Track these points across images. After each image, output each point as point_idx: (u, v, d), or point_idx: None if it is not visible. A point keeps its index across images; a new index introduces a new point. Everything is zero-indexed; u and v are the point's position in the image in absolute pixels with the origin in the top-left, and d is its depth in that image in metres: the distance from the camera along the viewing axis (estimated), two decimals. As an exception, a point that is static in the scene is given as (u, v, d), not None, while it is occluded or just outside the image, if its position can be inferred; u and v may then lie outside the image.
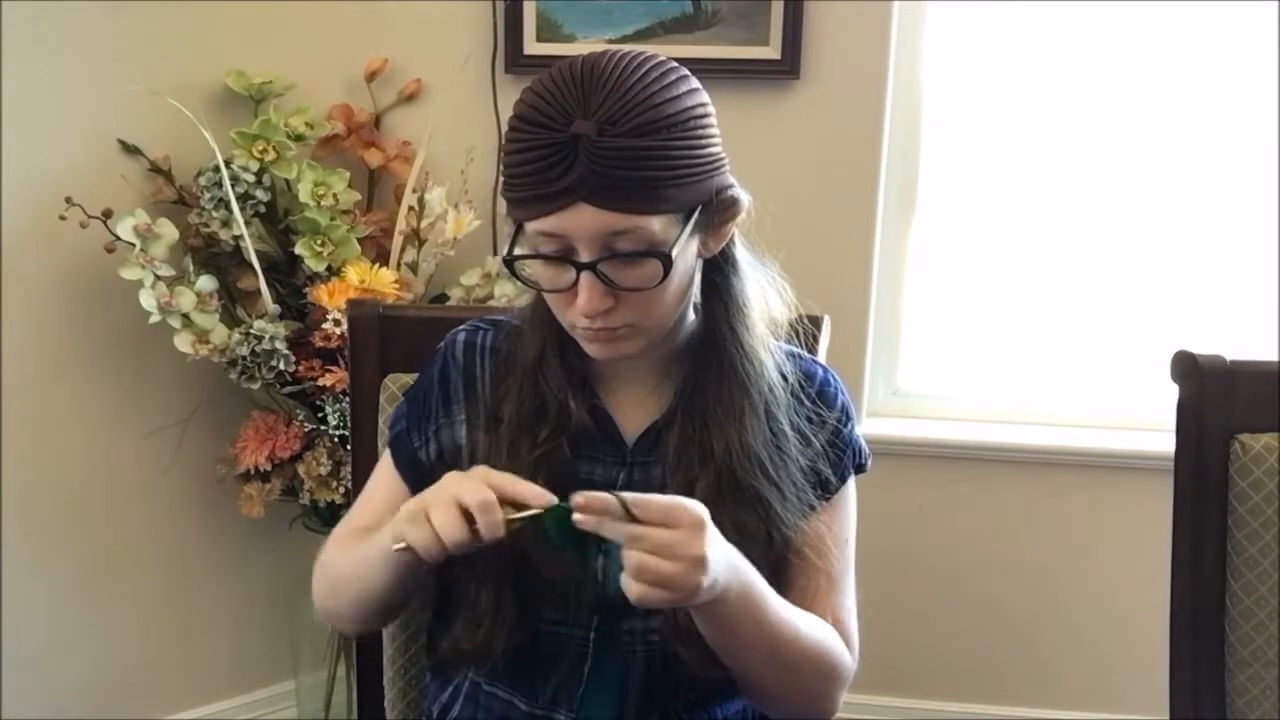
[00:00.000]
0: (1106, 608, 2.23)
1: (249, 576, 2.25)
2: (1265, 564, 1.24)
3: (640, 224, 0.96)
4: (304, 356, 1.90)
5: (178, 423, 2.10)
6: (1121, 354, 2.23)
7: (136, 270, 1.85)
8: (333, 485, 1.95)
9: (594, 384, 1.13)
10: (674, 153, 0.96)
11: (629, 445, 1.12)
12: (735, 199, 1.04)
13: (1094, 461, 2.19)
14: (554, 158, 0.94)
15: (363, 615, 1.14)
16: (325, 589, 1.16)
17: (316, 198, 1.93)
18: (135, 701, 2.17)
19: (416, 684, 1.37)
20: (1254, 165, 2.10)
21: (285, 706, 2.32)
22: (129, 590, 2.14)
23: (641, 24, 2.06)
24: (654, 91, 0.96)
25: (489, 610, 1.07)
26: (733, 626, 1.00)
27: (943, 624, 2.29)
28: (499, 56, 2.11)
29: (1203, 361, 1.26)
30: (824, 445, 1.13)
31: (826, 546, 1.11)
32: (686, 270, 1.04)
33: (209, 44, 2.00)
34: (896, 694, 2.31)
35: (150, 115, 1.92)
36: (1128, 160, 2.15)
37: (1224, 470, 1.25)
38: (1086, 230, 2.20)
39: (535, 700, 1.12)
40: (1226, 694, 1.28)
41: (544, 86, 0.97)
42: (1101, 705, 2.27)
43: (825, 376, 1.16)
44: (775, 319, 1.14)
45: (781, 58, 2.04)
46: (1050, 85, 2.14)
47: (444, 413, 1.15)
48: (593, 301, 0.99)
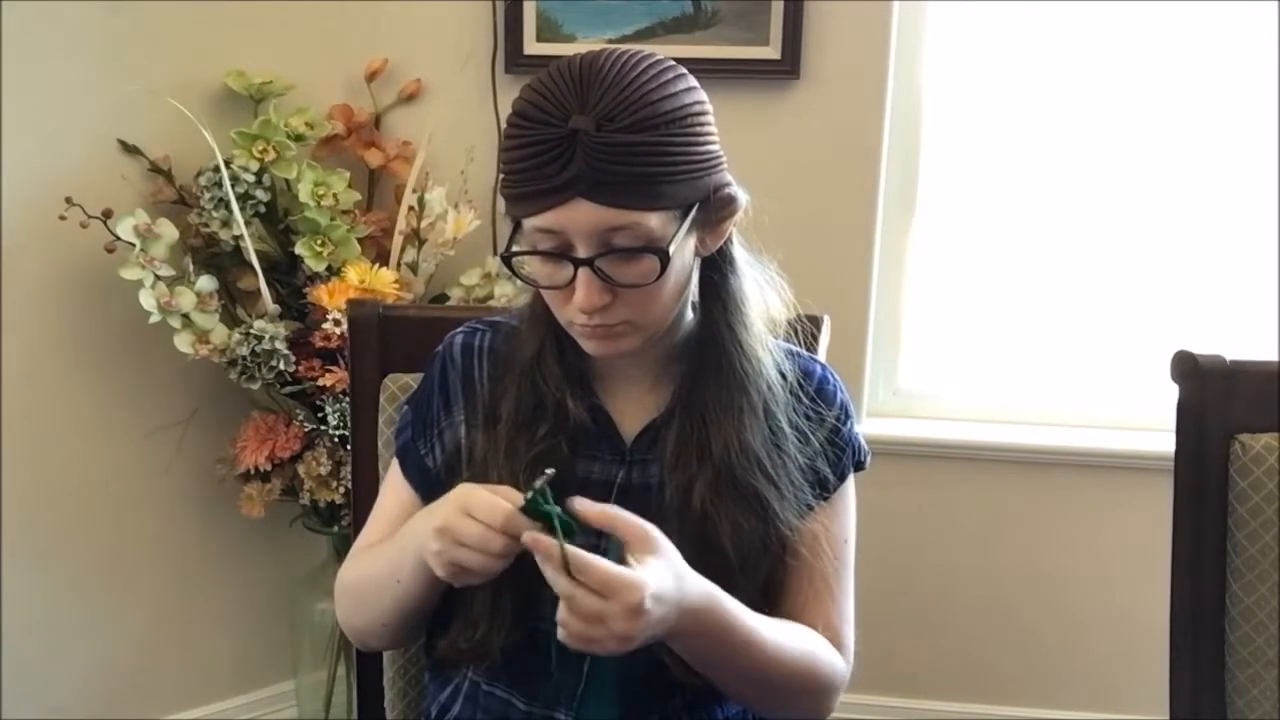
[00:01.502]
0: (1106, 608, 2.23)
1: (249, 576, 2.25)
2: (1265, 564, 1.24)
3: (638, 220, 0.96)
4: (304, 356, 1.90)
5: (178, 423, 2.10)
6: (1121, 354, 2.23)
7: (136, 270, 1.85)
8: (333, 485, 1.95)
9: (592, 382, 1.13)
10: (672, 149, 0.96)
11: (627, 444, 1.12)
12: (733, 197, 1.04)
13: (1094, 461, 2.19)
14: (552, 153, 0.95)
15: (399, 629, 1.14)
16: (351, 607, 1.16)
17: (316, 198, 1.93)
18: (135, 701, 2.17)
19: (416, 684, 1.37)
20: (1254, 165, 2.10)
21: (285, 706, 2.32)
22: (129, 590, 2.14)
23: (641, 24, 2.06)
24: (652, 88, 0.96)
25: (486, 609, 1.07)
26: (701, 655, 1.01)
27: (942, 624, 2.29)
28: (499, 56, 2.11)
29: (1203, 361, 1.26)
30: (823, 443, 1.13)
31: (823, 546, 1.11)
32: (684, 267, 1.04)
33: (209, 44, 2.00)
34: (896, 694, 2.31)
35: (150, 115, 1.93)
36: (1127, 160, 2.15)
37: (1224, 470, 1.25)
38: (1086, 230, 2.20)
39: (534, 699, 1.11)
40: (1226, 694, 1.28)
41: (542, 83, 0.98)
42: (1101, 705, 2.27)
43: (824, 374, 1.16)
44: (773, 317, 1.14)
45: (781, 58, 2.04)
46: (1050, 85, 2.13)
47: (445, 415, 1.15)
48: (590, 297, 0.99)
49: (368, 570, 1.13)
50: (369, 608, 1.13)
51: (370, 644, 1.21)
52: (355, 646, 1.24)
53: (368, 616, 1.14)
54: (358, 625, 1.16)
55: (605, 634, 0.90)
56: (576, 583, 0.89)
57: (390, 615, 1.11)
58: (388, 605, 1.10)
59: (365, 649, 1.26)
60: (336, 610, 1.18)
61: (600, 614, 0.89)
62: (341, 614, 1.18)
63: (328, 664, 2.14)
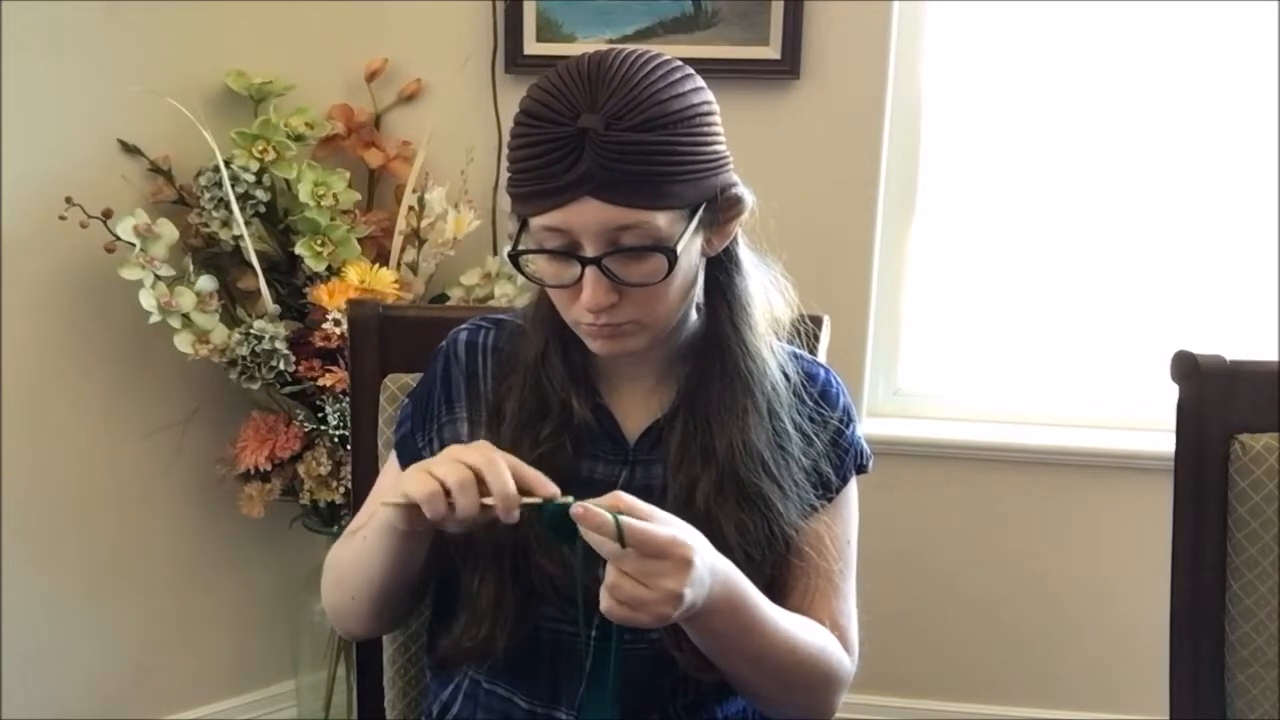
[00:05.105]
0: (1106, 607, 2.23)
1: (249, 576, 2.25)
2: (1265, 564, 1.24)
3: (645, 219, 0.97)
4: (304, 356, 1.90)
5: (178, 423, 2.10)
6: (1121, 354, 2.23)
7: (136, 270, 1.85)
8: (333, 485, 1.95)
9: (596, 382, 1.13)
10: (680, 148, 0.96)
11: (631, 444, 1.12)
12: (739, 197, 1.05)
13: (1094, 461, 2.19)
14: (560, 152, 0.95)
15: (368, 608, 1.12)
16: (330, 584, 1.16)
17: (316, 198, 1.93)
18: (135, 701, 2.17)
19: (416, 684, 1.37)
20: (1254, 166, 2.10)
21: (285, 706, 2.32)
22: (129, 590, 2.14)
23: (641, 24, 2.06)
24: (660, 88, 0.96)
25: (489, 608, 1.07)
26: (720, 637, 1.00)
27: (942, 624, 2.29)
28: (499, 56, 2.11)
29: (1203, 361, 1.26)
30: (826, 446, 1.13)
31: (826, 547, 1.11)
32: (690, 267, 1.04)
33: (209, 44, 2.00)
34: (896, 694, 2.31)
35: (150, 115, 1.92)
36: (1127, 160, 2.15)
37: (1224, 470, 1.25)
38: (1086, 230, 2.20)
39: (535, 698, 1.12)
40: (1226, 694, 1.28)
41: (550, 83, 0.98)
42: (1101, 705, 2.28)
43: (827, 378, 1.17)
44: (778, 318, 1.14)
45: (781, 58, 2.04)
46: (1050, 85, 2.14)
47: (447, 411, 1.15)
48: (597, 297, 0.99)
49: (346, 555, 1.13)
50: (345, 583, 1.13)
51: (348, 626, 1.18)
52: (338, 634, 1.23)
53: (343, 591, 1.13)
54: (335, 601, 1.16)
55: (655, 595, 0.90)
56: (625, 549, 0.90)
57: (360, 588, 1.10)
58: (357, 575, 1.09)
59: (345, 635, 1.24)
60: (322, 592, 1.18)
61: (651, 572, 0.90)
62: (324, 592, 1.17)
63: (328, 664, 2.14)
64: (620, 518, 0.90)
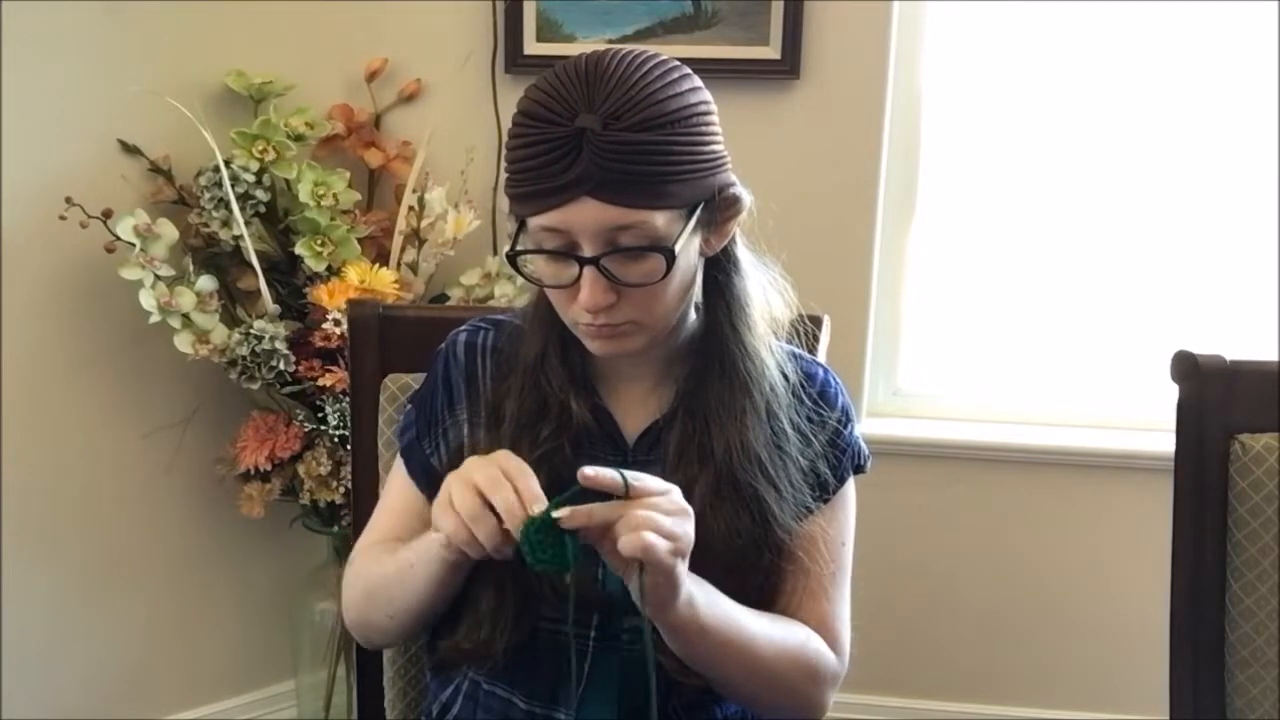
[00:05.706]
0: (1106, 608, 2.23)
1: (249, 577, 2.25)
2: (1265, 564, 1.24)
3: (643, 219, 0.97)
4: (304, 356, 1.90)
5: (178, 423, 2.10)
6: (1121, 354, 2.23)
7: (136, 270, 1.85)
8: (333, 485, 1.95)
9: (595, 383, 1.13)
10: (678, 148, 0.97)
11: (630, 444, 1.12)
12: (737, 197, 1.05)
13: (1094, 461, 2.19)
14: (558, 152, 0.95)
15: (408, 627, 1.13)
16: (360, 599, 1.15)
17: (316, 198, 1.93)
18: (135, 701, 2.17)
19: (416, 684, 1.37)
20: (1254, 165, 2.10)
21: (285, 706, 2.32)
22: (129, 590, 2.14)
23: (641, 24, 2.06)
24: (658, 88, 0.96)
25: (489, 609, 1.08)
26: (699, 639, 1.01)
27: (942, 624, 2.29)
28: (499, 56, 2.11)
29: (1203, 361, 1.26)
30: (824, 446, 1.13)
31: (820, 549, 1.11)
32: (689, 267, 1.04)
33: (209, 44, 2.00)
34: (896, 694, 2.31)
35: (150, 115, 1.92)
36: (1127, 160, 2.15)
37: (1224, 470, 1.25)
38: (1086, 230, 2.20)
39: (535, 699, 1.12)
40: (1226, 694, 1.28)
41: (549, 82, 0.98)
42: (1101, 705, 2.28)
43: (826, 378, 1.17)
44: (776, 318, 1.14)
45: (781, 58, 2.04)
46: (1050, 86, 2.14)
47: (449, 414, 1.15)
48: (595, 297, 0.99)
49: (387, 563, 1.12)
50: (382, 601, 1.12)
51: (371, 638, 1.20)
52: (356, 640, 1.23)
53: (378, 609, 1.13)
54: (369, 617, 1.15)
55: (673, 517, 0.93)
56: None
57: (402, 610, 1.10)
58: (403, 598, 1.09)
59: (366, 644, 1.25)
60: (343, 600, 1.17)
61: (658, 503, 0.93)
62: (348, 603, 1.17)
63: (328, 664, 2.14)
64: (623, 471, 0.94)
